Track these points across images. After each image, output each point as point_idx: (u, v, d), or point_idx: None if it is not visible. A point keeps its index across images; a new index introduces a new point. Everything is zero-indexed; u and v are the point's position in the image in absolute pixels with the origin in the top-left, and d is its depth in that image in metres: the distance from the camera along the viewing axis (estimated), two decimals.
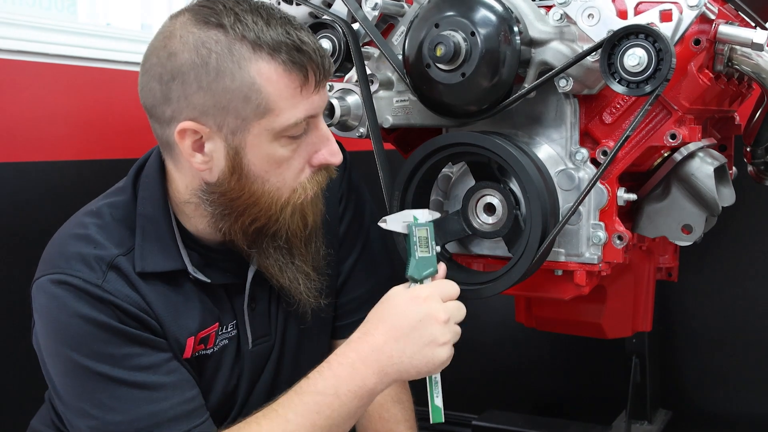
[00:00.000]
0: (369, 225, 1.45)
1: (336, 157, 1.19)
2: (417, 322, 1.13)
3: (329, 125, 1.37)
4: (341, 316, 1.44)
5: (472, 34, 1.18)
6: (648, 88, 1.12)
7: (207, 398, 1.24)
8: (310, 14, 1.40)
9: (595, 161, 1.27)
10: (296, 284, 1.24)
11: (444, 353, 1.14)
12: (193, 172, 1.17)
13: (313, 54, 1.12)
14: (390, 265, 1.47)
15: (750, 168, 1.61)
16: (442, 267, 1.20)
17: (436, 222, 1.22)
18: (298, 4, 1.40)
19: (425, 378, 1.17)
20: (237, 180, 1.15)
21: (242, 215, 1.18)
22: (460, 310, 1.17)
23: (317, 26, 1.34)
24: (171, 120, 1.13)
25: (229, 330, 1.27)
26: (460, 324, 1.17)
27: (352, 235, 1.43)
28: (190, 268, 1.21)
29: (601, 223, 1.26)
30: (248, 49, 1.10)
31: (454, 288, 1.18)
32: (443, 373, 1.19)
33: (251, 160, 1.14)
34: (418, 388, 1.52)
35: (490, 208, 1.26)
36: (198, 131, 1.12)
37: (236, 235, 1.20)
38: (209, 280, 1.22)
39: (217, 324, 1.25)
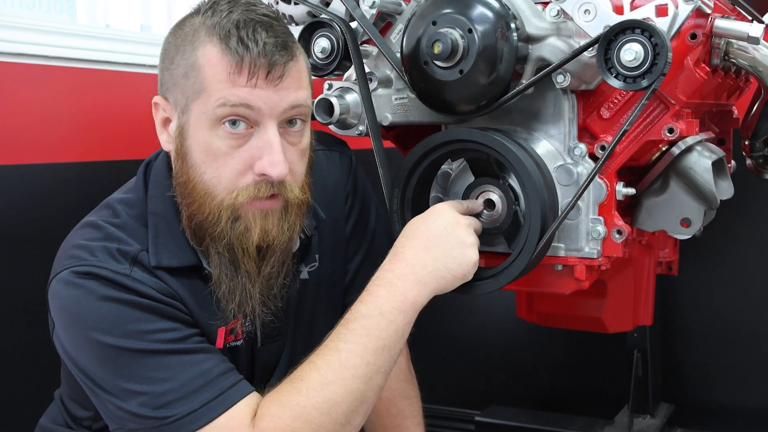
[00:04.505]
0: (375, 224, 1.45)
1: (275, 168, 1.12)
2: (442, 229, 1.17)
3: (328, 123, 1.37)
4: None
5: (470, 31, 1.18)
6: (645, 83, 1.13)
7: None
8: (309, 13, 1.40)
9: (593, 156, 1.27)
10: (232, 297, 1.19)
11: (474, 254, 1.18)
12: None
13: (254, 45, 1.11)
14: None
15: (749, 161, 1.62)
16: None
17: None
18: (296, 3, 1.40)
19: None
20: (181, 164, 1.17)
21: (186, 206, 1.18)
22: (477, 222, 1.23)
23: (315, 25, 1.34)
24: None
25: (248, 324, 1.26)
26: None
27: (358, 234, 1.43)
28: (205, 263, 1.21)
29: (600, 218, 1.27)
30: (205, 33, 1.14)
31: (465, 203, 1.25)
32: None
33: (191, 145, 1.15)
34: (424, 386, 1.53)
35: (489, 204, 1.27)
36: (164, 108, 1.19)
37: (186, 228, 1.19)
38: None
39: (240, 316, 1.24)
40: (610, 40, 1.14)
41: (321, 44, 1.33)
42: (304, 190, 1.20)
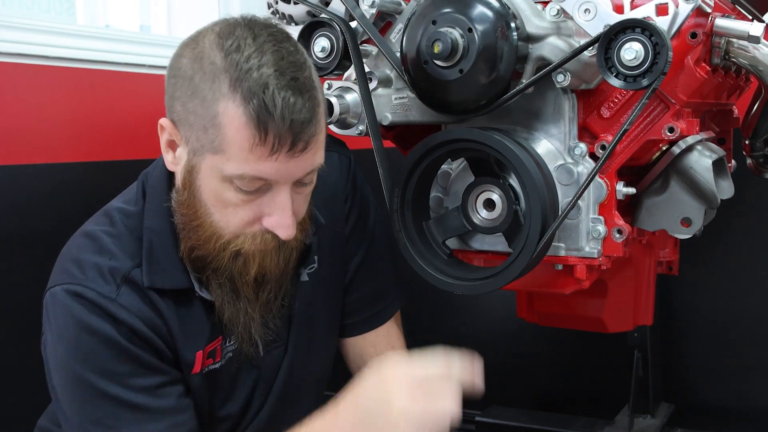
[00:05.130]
0: (374, 224, 1.46)
1: (284, 231, 1.14)
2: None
3: (328, 123, 1.37)
4: (347, 315, 1.46)
5: (470, 30, 1.18)
6: (645, 82, 1.13)
7: (228, 407, 1.29)
8: (308, 13, 1.40)
9: (593, 156, 1.27)
10: (236, 321, 1.23)
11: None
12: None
13: (281, 121, 1.06)
14: (394, 264, 1.48)
15: (749, 161, 1.61)
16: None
17: (436, 218, 1.22)
18: (296, 3, 1.40)
19: None
20: (188, 196, 1.16)
21: (187, 236, 1.19)
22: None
23: (315, 25, 1.34)
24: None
25: (232, 342, 1.28)
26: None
27: (357, 235, 1.43)
28: (197, 287, 1.22)
29: (601, 217, 1.26)
30: (228, 84, 1.07)
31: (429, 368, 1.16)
32: None
33: (201, 186, 1.15)
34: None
35: (489, 204, 1.27)
36: (171, 133, 1.15)
37: (185, 257, 1.20)
38: (213, 299, 1.23)
39: (221, 338, 1.26)
40: (611, 39, 1.14)
41: (321, 44, 1.33)
42: (304, 230, 1.23)
